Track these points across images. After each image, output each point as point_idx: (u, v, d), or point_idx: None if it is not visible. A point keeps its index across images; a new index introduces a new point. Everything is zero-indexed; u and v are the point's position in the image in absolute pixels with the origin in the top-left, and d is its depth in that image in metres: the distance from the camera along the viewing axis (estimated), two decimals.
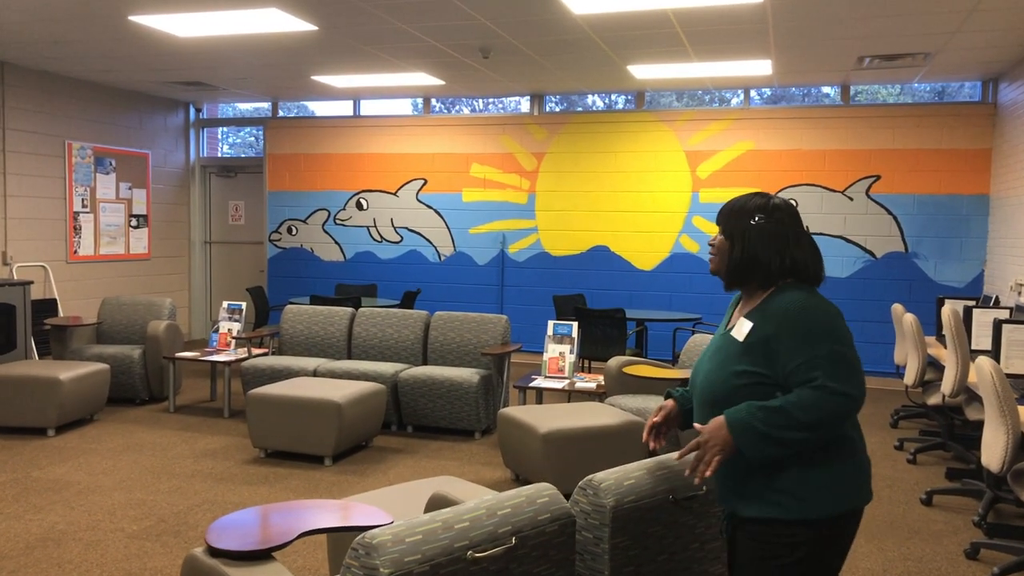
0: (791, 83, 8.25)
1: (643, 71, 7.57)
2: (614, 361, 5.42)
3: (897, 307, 6.55)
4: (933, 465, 5.45)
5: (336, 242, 9.87)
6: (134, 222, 9.47)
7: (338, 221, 9.85)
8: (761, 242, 1.98)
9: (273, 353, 6.73)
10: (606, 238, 8.98)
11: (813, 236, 2.40)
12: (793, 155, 8.41)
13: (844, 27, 5.97)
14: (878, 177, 8.22)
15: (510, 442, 4.81)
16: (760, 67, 7.32)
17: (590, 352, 7.06)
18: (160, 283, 9.91)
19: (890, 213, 8.20)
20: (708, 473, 1.89)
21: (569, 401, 6.36)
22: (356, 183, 9.78)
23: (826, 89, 8.83)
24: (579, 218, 9.04)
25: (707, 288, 8.67)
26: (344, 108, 9.97)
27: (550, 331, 6.06)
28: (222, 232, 10.57)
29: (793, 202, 8.73)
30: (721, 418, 1.90)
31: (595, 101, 8.89)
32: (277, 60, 7.51)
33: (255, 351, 6.69)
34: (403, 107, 9.88)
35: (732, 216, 2.04)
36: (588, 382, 5.64)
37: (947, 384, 4.83)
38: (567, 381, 5.66)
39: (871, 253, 8.26)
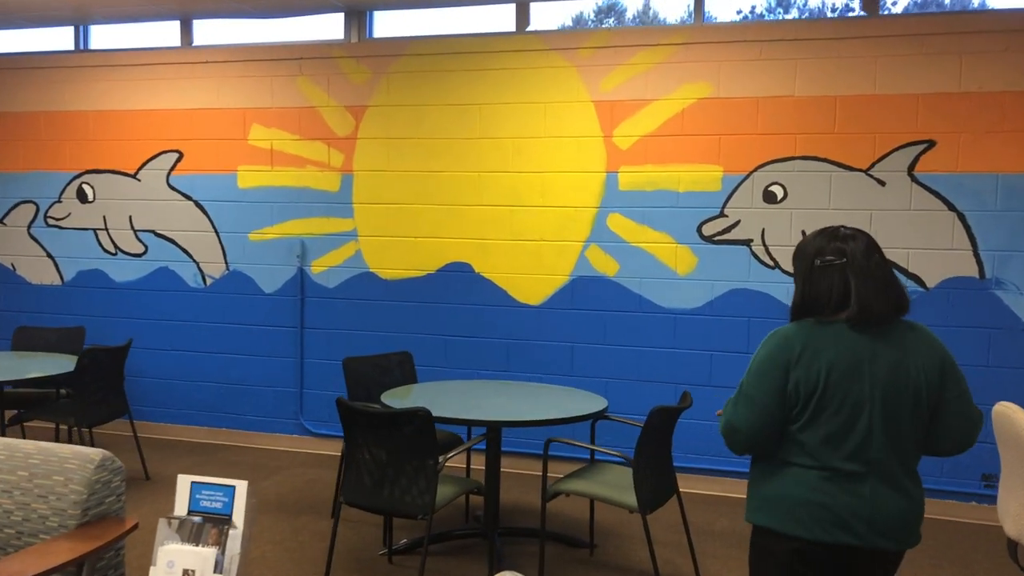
0: None
1: None
2: None
3: (1005, 410, 3.01)
4: None
5: (49, 255, 6.16)
6: None
7: (51, 220, 6.14)
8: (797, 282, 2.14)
9: None
10: (467, 251, 5.35)
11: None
12: (780, 108, 4.82)
13: None
14: (931, 144, 4.64)
15: None
16: None
17: (385, 505, 3.43)
18: None
19: (952, 208, 4.63)
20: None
21: None
22: (77, 160, 6.07)
23: None
24: (423, 217, 5.40)
25: (633, 336, 5.07)
26: (63, 39, 6.25)
27: (179, 506, 2.42)
28: None
29: (779, 187, 5.22)
30: None
31: (448, 20, 5.33)
32: None
33: None
34: (154, 37, 6.17)
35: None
36: None
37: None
38: None
39: (918, 280, 4.68)
